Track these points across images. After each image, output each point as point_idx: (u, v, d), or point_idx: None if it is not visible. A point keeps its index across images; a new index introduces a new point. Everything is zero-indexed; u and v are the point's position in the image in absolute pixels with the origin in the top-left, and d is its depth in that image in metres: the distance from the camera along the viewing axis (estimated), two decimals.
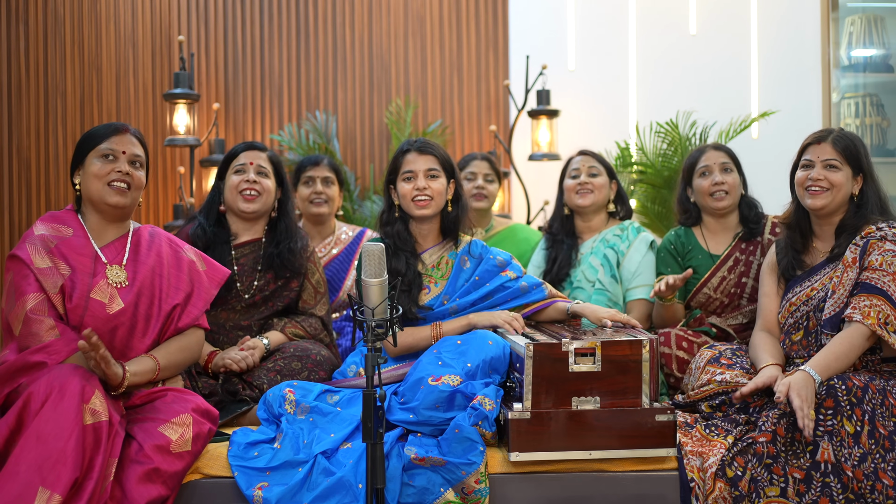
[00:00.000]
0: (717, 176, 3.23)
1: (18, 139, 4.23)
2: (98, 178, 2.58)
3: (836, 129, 2.80)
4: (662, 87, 4.94)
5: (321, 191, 3.79)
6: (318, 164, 3.86)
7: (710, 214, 3.30)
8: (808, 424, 2.38)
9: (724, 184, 3.22)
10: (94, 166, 2.59)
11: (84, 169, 2.62)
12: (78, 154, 2.64)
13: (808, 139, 2.81)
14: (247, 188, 3.10)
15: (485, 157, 4.04)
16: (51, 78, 4.33)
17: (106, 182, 2.58)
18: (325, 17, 5.01)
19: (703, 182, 3.26)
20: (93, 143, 2.61)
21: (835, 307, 2.63)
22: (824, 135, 2.78)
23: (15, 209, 4.26)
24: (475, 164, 3.98)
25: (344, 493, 2.38)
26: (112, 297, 2.54)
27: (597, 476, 2.52)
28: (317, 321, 3.17)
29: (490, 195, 3.96)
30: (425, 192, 2.90)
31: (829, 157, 2.73)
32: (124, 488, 2.30)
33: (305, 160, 3.92)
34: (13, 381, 2.42)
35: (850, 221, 2.72)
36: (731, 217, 3.29)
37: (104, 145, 2.60)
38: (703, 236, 3.31)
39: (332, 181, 3.85)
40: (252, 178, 3.10)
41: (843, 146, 2.73)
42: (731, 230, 3.29)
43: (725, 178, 3.23)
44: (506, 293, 2.94)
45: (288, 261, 3.11)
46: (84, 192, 2.62)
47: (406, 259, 2.91)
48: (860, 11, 4.67)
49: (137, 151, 2.65)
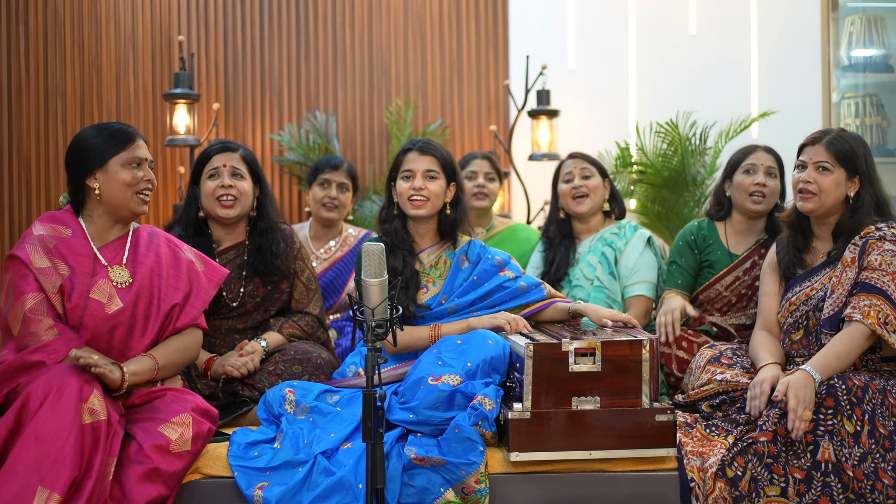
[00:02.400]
0: (760, 177, 3.19)
1: (18, 139, 4.23)
2: (129, 186, 2.59)
3: (835, 130, 2.76)
4: (662, 87, 4.94)
5: (335, 196, 3.76)
6: (337, 168, 3.80)
7: (741, 213, 3.26)
8: (798, 426, 2.39)
9: (766, 186, 3.18)
10: (123, 174, 2.59)
11: (106, 174, 2.59)
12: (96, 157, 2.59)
13: (805, 139, 2.79)
14: (223, 194, 3.03)
15: (485, 155, 4.03)
16: (51, 78, 4.32)
17: (135, 191, 2.61)
18: (325, 17, 5.00)
19: (745, 179, 3.21)
20: (116, 149, 2.59)
21: (834, 307, 2.63)
22: (820, 136, 2.75)
23: (15, 209, 4.25)
24: (476, 162, 3.97)
25: (344, 493, 2.38)
26: (111, 296, 2.54)
27: (597, 476, 2.52)
28: (312, 319, 3.14)
29: (491, 194, 3.95)
30: (421, 193, 2.89)
31: (821, 159, 2.71)
32: (124, 488, 2.30)
33: (324, 161, 3.85)
34: (12, 380, 2.42)
35: (847, 225, 2.70)
36: (760, 221, 3.26)
37: (126, 154, 2.60)
38: (726, 233, 3.29)
39: (348, 188, 3.81)
40: (227, 182, 3.03)
41: (837, 149, 2.70)
42: (756, 234, 3.27)
43: (768, 181, 3.19)
44: (504, 293, 2.94)
45: (272, 264, 3.06)
46: (107, 197, 2.60)
47: (403, 257, 2.91)
48: (860, 11, 4.67)
49: (150, 156, 2.67)
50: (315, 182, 3.80)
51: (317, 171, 3.82)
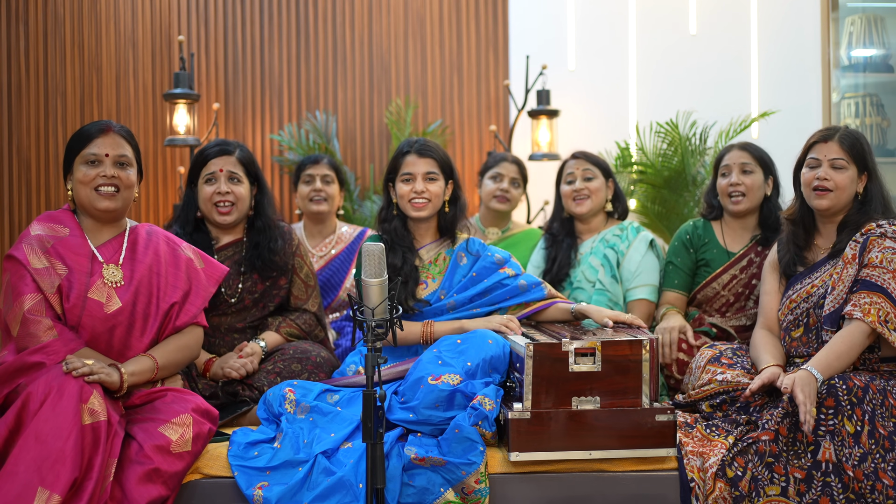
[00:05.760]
0: (734, 177, 3.20)
1: (18, 139, 4.23)
2: (84, 184, 2.57)
3: (842, 127, 2.77)
4: (662, 87, 4.94)
5: (320, 188, 3.80)
6: (317, 162, 3.87)
7: (728, 214, 3.29)
8: (809, 420, 2.38)
9: (741, 185, 3.19)
10: (80, 172, 2.58)
11: (73, 175, 2.60)
12: (67, 160, 2.62)
13: (813, 137, 2.78)
14: (220, 200, 3.04)
15: (515, 160, 4.04)
16: (51, 78, 4.32)
17: (93, 188, 2.57)
18: (325, 17, 5.00)
19: (722, 182, 3.25)
20: (78, 148, 2.60)
21: (835, 303, 2.63)
22: (831, 133, 2.75)
23: (15, 209, 4.25)
24: (505, 165, 3.98)
25: (344, 492, 2.38)
26: (109, 296, 2.54)
27: (597, 476, 2.52)
28: (310, 317, 3.15)
29: (513, 199, 3.98)
30: (423, 195, 2.92)
31: (836, 155, 2.71)
32: (124, 488, 2.30)
33: (305, 159, 3.93)
34: (12, 381, 2.42)
35: (854, 218, 2.72)
36: (751, 218, 3.27)
37: (88, 150, 2.58)
38: (722, 232, 3.30)
39: (332, 179, 3.85)
40: (224, 189, 3.03)
41: (850, 144, 2.71)
42: (750, 231, 3.27)
43: (743, 179, 3.19)
44: (504, 290, 2.94)
45: (270, 261, 3.07)
46: (76, 198, 2.61)
47: (403, 254, 2.93)
48: (860, 11, 4.67)
49: (122, 151, 2.60)
50: (300, 181, 3.86)
51: (300, 170, 3.91)
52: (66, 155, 2.63)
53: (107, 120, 2.67)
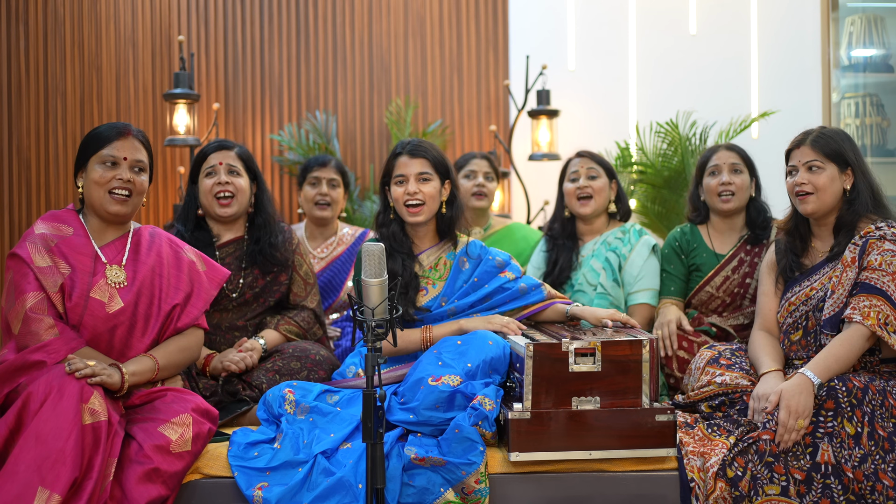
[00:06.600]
0: (724, 176, 3.22)
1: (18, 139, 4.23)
2: (99, 185, 2.57)
3: (816, 129, 2.78)
4: (662, 87, 4.94)
5: (326, 192, 3.77)
6: (325, 165, 3.83)
7: (717, 214, 3.30)
8: (786, 439, 2.39)
9: (732, 184, 3.22)
10: (96, 173, 2.58)
11: (86, 173, 2.60)
12: (81, 156, 2.62)
13: (790, 144, 2.81)
14: (220, 191, 3.06)
15: (484, 155, 4.03)
16: (51, 78, 4.32)
17: (107, 190, 2.58)
18: (325, 17, 5.00)
19: (711, 181, 3.26)
20: (95, 148, 2.60)
21: (834, 307, 2.63)
22: (803, 138, 2.77)
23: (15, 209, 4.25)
24: (475, 162, 3.97)
25: (344, 493, 2.38)
26: (111, 296, 2.54)
27: (597, 476, 2.52)
28: (309, 314, 3.16)
29: (489, 193, 3.95)
30: (416, 197, 2.86)
31: (809, 158, 2.73)
32: (124, 488, 2.30)
33: (312, 160, 3.88)
34: (12, 380, 2.42)
35: (846, 218, 2.72)
36: (738, 218, 3.29)
37: (106, 151, 2.58)
38: (710, 235, 3.31)
39: (338, 183, 3.83)
40: (224, 179, 3.06)
41: (822, 145, 2.72)
42: (738, 231, 3.29)
43: (734, 178, 3.22)
44: (505, 295, 2.93)
45: (270, 255, 3.10)
46: (86, 196, 2.61)
47: (402, 261, 2.88)
48: (860, 11, 4.67)
49: (140, 156, 2.62)
50: (305, 182, 3.82)
51: (306, 170, 3.85)
52: (80, 152, 2.63)
53: (125, 122, 2.68)
